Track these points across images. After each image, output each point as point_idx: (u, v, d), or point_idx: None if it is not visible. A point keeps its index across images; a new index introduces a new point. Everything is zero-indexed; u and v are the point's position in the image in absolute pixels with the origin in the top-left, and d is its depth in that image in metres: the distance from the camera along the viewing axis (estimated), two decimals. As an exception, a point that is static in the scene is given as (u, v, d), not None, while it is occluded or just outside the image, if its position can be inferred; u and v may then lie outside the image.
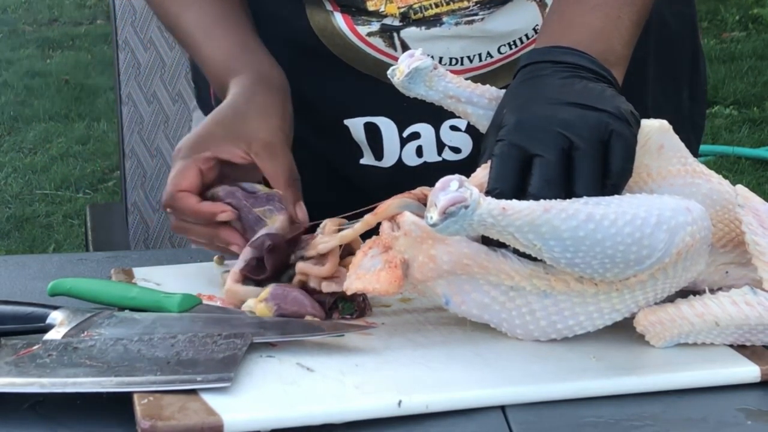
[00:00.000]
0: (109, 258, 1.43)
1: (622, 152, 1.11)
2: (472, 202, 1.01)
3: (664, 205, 1.08)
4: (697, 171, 1.17)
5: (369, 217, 1.15)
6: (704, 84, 1.65)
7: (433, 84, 1.19)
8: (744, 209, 1.13)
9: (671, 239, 1.06)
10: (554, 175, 1.09)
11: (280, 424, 0.98)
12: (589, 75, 1.18)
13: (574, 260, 1.06)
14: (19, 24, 6.90)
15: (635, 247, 1.05)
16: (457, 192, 1.01)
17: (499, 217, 1.03)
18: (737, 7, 6.39)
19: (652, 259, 1.06)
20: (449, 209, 1.00)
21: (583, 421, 1.00)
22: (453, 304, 1.12)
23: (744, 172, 4.49)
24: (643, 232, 1.05)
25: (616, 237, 1.05)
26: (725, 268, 1.17)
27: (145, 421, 0.95)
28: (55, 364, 1.05)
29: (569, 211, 1.05)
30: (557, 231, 1.04)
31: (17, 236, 4.20)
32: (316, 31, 1.40)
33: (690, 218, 1.08)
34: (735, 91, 5.22)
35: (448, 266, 1.09)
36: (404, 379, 1.05)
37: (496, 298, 1.10)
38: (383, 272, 1.10)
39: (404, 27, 1.38)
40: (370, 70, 1.41)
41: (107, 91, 5.51)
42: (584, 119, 1.11)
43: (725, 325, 1.08)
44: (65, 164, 4.79)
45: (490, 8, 1.38)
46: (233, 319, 1.17)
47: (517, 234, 1.04)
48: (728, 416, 1.01)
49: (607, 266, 1.06)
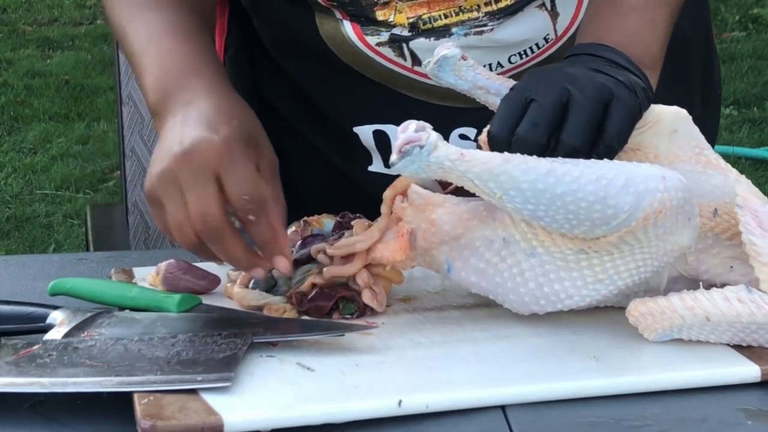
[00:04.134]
0: (109, 258, 1.43)
1: (620, 116, 1.12)
2: (427, 144, 1.07)
3: (637, 170, 1.10)
4: (713, 163, 1.17)
5: (387, 193, 1.17)
6: (718, 87, 1.65)
7: (462, 73, 1.21)
8: (742, 210, 1.13)
9: (637, 202, 1.08)
10: (543, 119, 1.11)
11: (280, 424, 0.98)
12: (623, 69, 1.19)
13: (537, 212, 1.09)
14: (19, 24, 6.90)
15: (599, 205, 1.07)
16: (413, 133, 1.07)
17: (456, 162, 1.08)
18: (737, 7, 6.39)
19: (618, 220, 1.08)
20: (404, 148, 1.07)
21: (583, 421, 1.00)
22: (454, 270, 1.14)
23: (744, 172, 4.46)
24: (607, 192, 1.07)
25: (577, 193, 1.07)
26: (730, 263, 1.17)
27: (146, 421, 0.95)
28: (55, 364, 1.05)
29: (530, 163, 1.08)
30: (516, 181, 1.08)
31: (17, 236, 4.20)
32: (325, 40, 1.40)
33: (662, 186, 1.09)
34: (735, 91, 5.22)
35: (449, 226, 1.13)
36: (404, 379, 1.05)
37: (490, 261, 1.13)
38: (392, 242, 1.15)
39: (413, 37, 1.37)
40: (380, 78, 1.40)
41: (107, 91, 5.51)
42: (590, 78, 1.14)
43: (717, 322, 1.09)
44: (65, 164, 4.78)
45: (500, 18, 1.37)
46: (233, 318, 1.17)
47: (477, 181, 1.09)
48: (728, 416, 1.01)
49: (572, 222, 1.08)
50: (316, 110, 1.44)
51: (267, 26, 1.45)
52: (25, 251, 4.04)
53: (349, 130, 1.44)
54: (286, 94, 1.49)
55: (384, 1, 1.35)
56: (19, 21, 6.97)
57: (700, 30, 1.59)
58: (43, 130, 5.15)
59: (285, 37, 1.43)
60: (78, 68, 5.98)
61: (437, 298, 1.24)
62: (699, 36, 1.58)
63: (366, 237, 1.17)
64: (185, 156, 1.14)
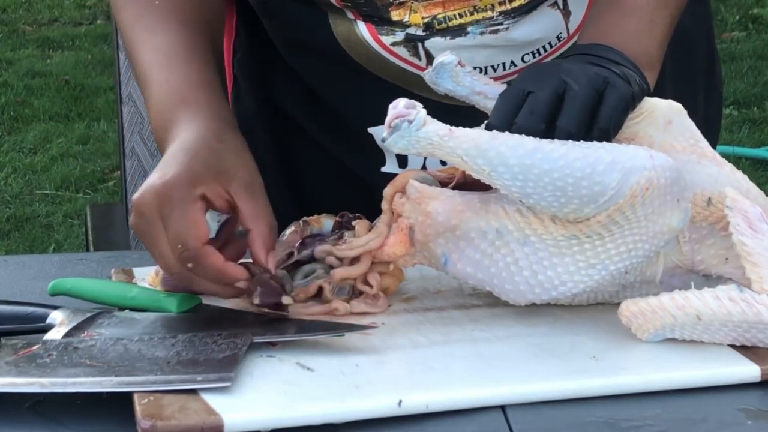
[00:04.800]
0: (109, 258, 1.43)
1: (614, 101, 1.14)
2: (416, 119, 1.10)
3: (625, 150, 1.12)
4: (708, 155, 1.18)
5: (387, 190, 1.18)
6: (720, 86, 1.65)
7: (459, 80, 1.23)
8: (732, 210, 1.14)
9: (625, 179, 1.09)
10: (540, 108, 1.13)
11: (280, 424, 0.98)
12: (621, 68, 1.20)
13: (526, 189, 1.10)
14: (19, 24, 6.90)
15: (586, 182, 1.09)
16: (403, 109, 1.10)
17: (445, 138, 1.10)
18: (737, 7, 6.39)
19: (606, 197, 1.09)
20: (393, 122, 1.10)
21: (583, 421, 1.00)
22: (450, 262, 1.15)
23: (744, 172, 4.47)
24: (594, 169, 1.09)
25: (564, 169, 1.09)
26: (725, 254, 1.17)
27: (145, 421, 0.95)
28: (55, 364, 1.05)
29: (517, 140, 1.11)
30: (504, 157, 1.09)
31: (17, 236, 4.20)
32: (339, 41, 1.40)
33: (650, 164, 1.10)
34: (735, 91, 5.22)
35: (443, 218, 1.14)
36: (404, 379, 1.05)
37: (485, 251, 1.14)
38: (392, 237, 1.17)
39: (428, 37, 1.38)
40: (395, 79, 1.40)
41: (107, 91, 5.51)
42: (585, 69, 1.16)
43: (708, 321, 1.09)
44: (65, 164, 4.78)
45: (515, 17, 1.38)
46: (233, 319, 1.17)
47: (466, 157, 1.10)
48: (728, 416, 1.01)
49: (561, 200, 1.10)
50: (327, 111, 1.44)
51: (278, 28, 1.45)
52: (25, 251, 4.04)
53: (362, 130, 1.44)
54: (297, 95, 1.49)
55: (399, 1, 1.36)
56: (19, 21, 6.97)
57: (702, 29, 1.59)
58: (43, 130, 5.16)
59: (297, 38, 1.43)
60: (78, 68, 5.98)
61: (437, 298, 1.24)
62: (701, 35, 1.59)
63: (377, 234, 1.18)
64: (135, 210, 1.19)
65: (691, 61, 1.57)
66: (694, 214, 1.16)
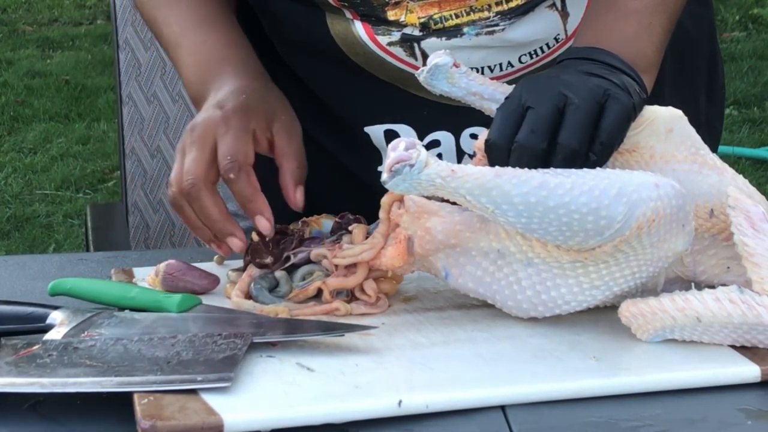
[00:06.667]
0: (109, 258, 1.43)
1: (615, 113, 1.13)
2: (417, 162, 1.08)
3: (629, 179, 1.10)
4: (709, 163, 1.17)
5: (384, 199, 1.18)
6: (722, 87, 1.65)
7: (455, 81, 1.22)
8: (734, 210, 1.13)
9: (631, 212, 1.08)
10: (541, 126, 1.12)
11: (280, 424, 0.98)
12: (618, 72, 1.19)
13: (530, 225, 1.09)
14: (19, 24, 6.90)
15: (591, 216, 1.08)
16: (403, 152, 1.08)
17: (447, 179, 1.09)
18: (737, 7, 6.39)
19: (611, 230, 1.08)
20: (394, 167, 1.08)
21: (583, 421, 1.00)
22: (451, 277, 1.16)
23: (744, 172, 4.48)
24: (600, 203, 1.08)
25: (570, 205, 1.08)
26: (727, 263, 1.17)
27: (145, 421, 0.95)
28: (55, 364, 1.05)
29: (521, 177, 1.09)
30: (508, 196, 1.08)
31: (17, 236, 4.19)
32: (336, 40, 1.40)
33: (655, 194, 1.09)
34: (735, 91, 5.22)
35: (443, 236, 1.14)
36: (404, 379, 1.05)
37: (487, 269, 1.14)
38: (390, 248, 1.17)
39: (425, 37, 1.37)
40: (391, 78, 1.40)
41: (107, 91, 5.51)
42: (585, 82, 1.15)
43: (708, 322, 1.08)
44: (65, 164, 4.78)
45: (511, 18, 1.37)
46: (233, 319, 1.17)
47: (469, 197, 1.09)
48: (728, 416, 1.01)
49: (566, 234, 1.09)
50: (325, 110, 1.44)
51: (276, 27, 1.45)
52: (25, 251, 4.04)
53: (359, 130, 1.44)
54: (295, 94, 1.49)
55: (395, 1, 1.36)
56: (19, 21, 6.97)
57: (703, 30, 1.59)
58: (43, 130, 5.15)
59: (295, 37, 1.43)
60: (78, 68, 5.98)
61: (437, 298, 1.24)
62: (703, 36, 1.58)
63: (371, 245, 1.18)
64: (191, 129, 1.29)
65: (692, 62, 1.57)
66: (696, 226, 1.15)
